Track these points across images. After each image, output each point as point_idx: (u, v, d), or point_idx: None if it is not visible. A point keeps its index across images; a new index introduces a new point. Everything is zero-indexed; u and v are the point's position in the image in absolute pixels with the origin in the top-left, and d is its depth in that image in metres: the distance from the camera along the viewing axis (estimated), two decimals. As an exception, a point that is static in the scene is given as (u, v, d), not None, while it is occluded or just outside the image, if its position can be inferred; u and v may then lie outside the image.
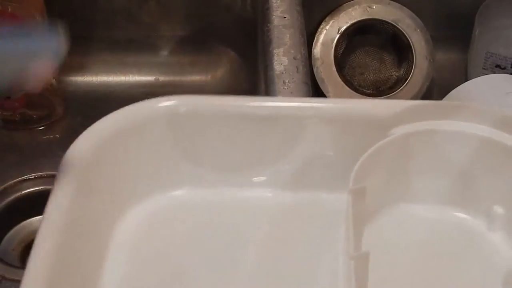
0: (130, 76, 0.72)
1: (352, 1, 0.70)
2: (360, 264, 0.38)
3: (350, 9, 0.70)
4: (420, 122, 0.44)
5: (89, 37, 0.71)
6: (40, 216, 0.42)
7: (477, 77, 0.61)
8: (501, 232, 0.44)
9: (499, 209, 0.44)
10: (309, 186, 0.46)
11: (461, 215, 0.46)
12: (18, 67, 0.38)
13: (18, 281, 0.39)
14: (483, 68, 0.68)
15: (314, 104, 0.45)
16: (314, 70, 0.68)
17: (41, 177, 0.64)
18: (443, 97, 0.60)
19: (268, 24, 0.62)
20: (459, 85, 0.60)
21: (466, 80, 0.60)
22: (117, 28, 0.71)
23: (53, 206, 0.39)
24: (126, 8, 0.71)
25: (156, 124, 0.44)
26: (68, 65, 0.70)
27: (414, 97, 0.69)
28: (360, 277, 0.37)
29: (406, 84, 0.69)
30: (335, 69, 0.69)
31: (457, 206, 0.46)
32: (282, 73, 0.58)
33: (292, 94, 0.56)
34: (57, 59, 0.38)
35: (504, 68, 0.67)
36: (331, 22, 0.70)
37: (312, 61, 0.68)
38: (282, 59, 0.59)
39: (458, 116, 0.44)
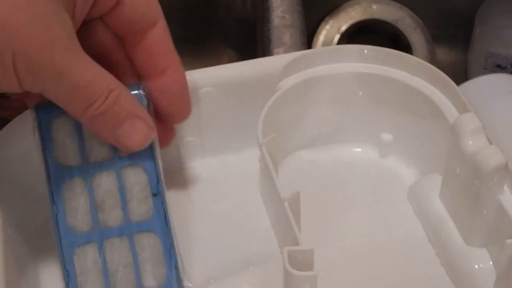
0: (130, 76, 0.72)
1: (352, 1, 0.70)
2: (293, 203, 0.40)
3: (350, 9, 0.70)
4: (303, 71, 0.47)
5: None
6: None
7: (477, 77, 0.61)
8: (393, 155, 0.49)
9: (387, 136, 0.48)
10: (216, 151, 0.48)
11: (355, 149, 0.49)
12: None
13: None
14: (483, 68, 0.68)
15: (206, 74, 0.46)
16: (314, 70, 0.68)
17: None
18: (443, 97, 0.60)
19: (268, 24, 0.62)
20: (459, 85, 0.60)
21: (466, 80, 0.60)
22: (117, 28, 0.71)
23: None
24: (126, 8, 0.70)
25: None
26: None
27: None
28: (295, 215, 0.39)
29: (406, 84, 0.69)
30: (335, 69, 0.69)
31: (349, 142, 0.49)
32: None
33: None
34: None
35: (504, 68, 0.67)
36: (331, 22, 0.70)
37: (312, 61, 0.68)
38: (282, 59, 0.59)
39: (335, 59, 0.47)
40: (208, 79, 0.45)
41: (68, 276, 0.37)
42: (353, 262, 0.43)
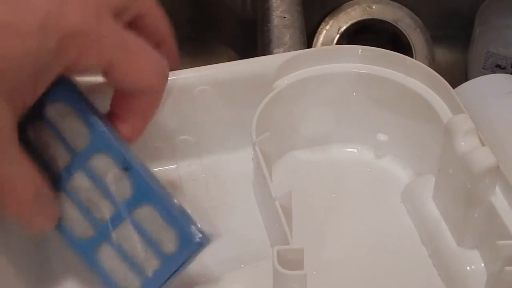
0: (131, 76, 0.72)
1: (352, 1, 0.70)
2: (284, 203, 0.40)
3: (349, 9, 0.70)
4: (298, 71, 0.47)
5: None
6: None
7: (477, 77, 0.61)
8: (388, 156, 0.49)
9: (382, 137, 0.48)
10: (211, 150, 0.48)
11: (350, 150, 0.50)
12: None
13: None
14: (483, 68, 0.68)
15: (202, 72, 0.46)
16: (315, 70, 0.68)
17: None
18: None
19: (268, 24, 0.62)
20: (459, 85, 0.60)
21: (466, 80, 0.60)
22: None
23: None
24: (127, 8, 0.71)
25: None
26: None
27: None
28: (287, 214, 0.39)
29: (407, 84, 0.69)
30: (335, 69, 0.69)
31: (344, 143, 0.50)
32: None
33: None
34: None
35: (504, 68, 0.67)
36: (331, 22, 0.70)
37: (313, 61, 0.68)
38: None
39: (330, 59, 0.47)
40: (203, 78, 0.46)
41: (103, 277, 0.38)
42: (346, 262, 0.43)
